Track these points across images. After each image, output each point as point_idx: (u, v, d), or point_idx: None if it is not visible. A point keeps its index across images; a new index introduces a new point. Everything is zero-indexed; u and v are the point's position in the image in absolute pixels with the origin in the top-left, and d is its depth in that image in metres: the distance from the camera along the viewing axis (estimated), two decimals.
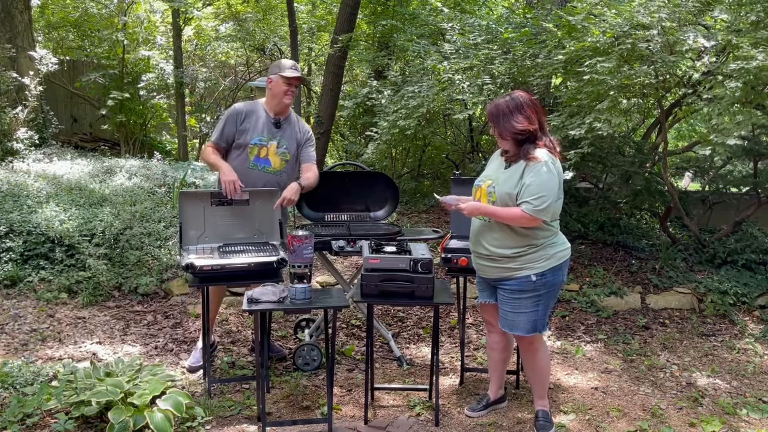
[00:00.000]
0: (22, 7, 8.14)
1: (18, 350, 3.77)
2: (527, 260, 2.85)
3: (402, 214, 6.61)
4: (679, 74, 4.72)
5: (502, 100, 2.87)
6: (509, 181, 2.82)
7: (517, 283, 2.88)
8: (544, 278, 2.86)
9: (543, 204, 2.72)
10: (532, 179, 2.74)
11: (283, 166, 3.62)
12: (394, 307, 4.77)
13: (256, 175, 3.56)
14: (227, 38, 10.98)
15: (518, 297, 2.89)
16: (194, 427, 2.97)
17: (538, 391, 3.12)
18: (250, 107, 3.64)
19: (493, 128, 2.89)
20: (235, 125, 3.56)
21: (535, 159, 2.76)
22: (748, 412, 3.42)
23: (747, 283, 5.12)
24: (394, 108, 5.94)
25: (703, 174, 6.34)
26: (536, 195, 2.72)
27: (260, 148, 3.56)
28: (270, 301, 2.87)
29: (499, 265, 2.90)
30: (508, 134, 2.82)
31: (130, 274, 4.64)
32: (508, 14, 7.11)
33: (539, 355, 3.05)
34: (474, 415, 3.24)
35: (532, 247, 2.84)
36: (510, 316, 2.94)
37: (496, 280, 2.97)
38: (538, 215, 2.73)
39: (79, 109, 9.91)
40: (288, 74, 3.53)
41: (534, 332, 2.93)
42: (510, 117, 2.80)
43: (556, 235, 2.91)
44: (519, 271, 2.86)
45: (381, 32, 8.61)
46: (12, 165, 6.60)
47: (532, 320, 2.90)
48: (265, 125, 3.59)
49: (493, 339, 3.25)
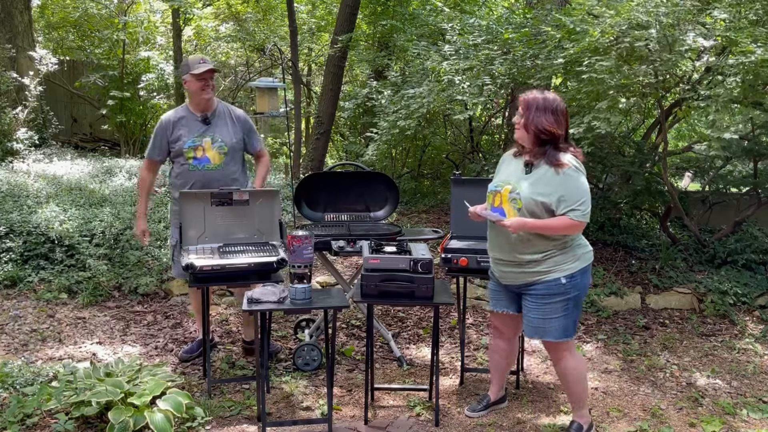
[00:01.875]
0: (22, 8, 8.15)
1: (18, 350, 3.77)
2: (556, 262, 2.77)
3: (402, 214, 6.61)
4: (679, 74, 4.72)
5: (540, 94, 2.78)
6: (535, 187, 2.73)
7: (546, 287, 2.78)
8: (573, 280, 2.78)
9: (587, 208, 2.68)
10: (571, 186, 2.68)
11: (223, 159, 3.60)
12: (394, 307, 4.77)
13: (199, 175, 3.58)
14: (227, 38, 10.98)
15: (547, 302, 2.79)
16: (194, 427, 2.97)
17: (574, 403, 3.00)
18: (176, 114, 3.64)
19: (519, 116, 2.79)
20: (165, 137, 3.58)
21: (564, 165, 2.70)
22: (748, 412, 3.42)
23: (747, 283, 5.12)
24: (394, 108, 5.94)
25: (703, 174, 6.34)
26: (580, 201, 2.66)
27: (195, 149, 3.56)
28: (270, 302, 2.87)
29: (527, 270, 2.80)
30: (533, 128, 2.73)
31: (130, 275, 4.64)
32: (508, 14, 7.12)
33: (571, 363, 2.92)
34: (474, 415, 3.23)
35: (560, 248, 2.77)
36: (538, 322, 2.83)
37: (523, 286, 2.86)
38: (585, 219, 2.68)
39: (79, 110, 9.91)
40: (197, 71, 3.51)
41: (565, 338, 2.84)
42: (542, 113, 2.73)
43: (581, 236, 2.85)
44: (548, 275, 2.77)
45: (381, 32, 8.62)
46: (12, 165, 6.60)
47: (562, 325, 2.81)
48: (194, 126, 3.59)
49: (498, 345, 3.18)
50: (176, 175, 3.64)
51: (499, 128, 7.98)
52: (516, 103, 2.90)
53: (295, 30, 7.92)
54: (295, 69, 7.81)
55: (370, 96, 7.17)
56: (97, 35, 9.67)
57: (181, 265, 3.48)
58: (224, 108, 3.70)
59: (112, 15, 9.66)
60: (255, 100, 4.80)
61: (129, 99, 9.00)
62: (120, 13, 9.58)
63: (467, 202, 3.00)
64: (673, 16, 4.20)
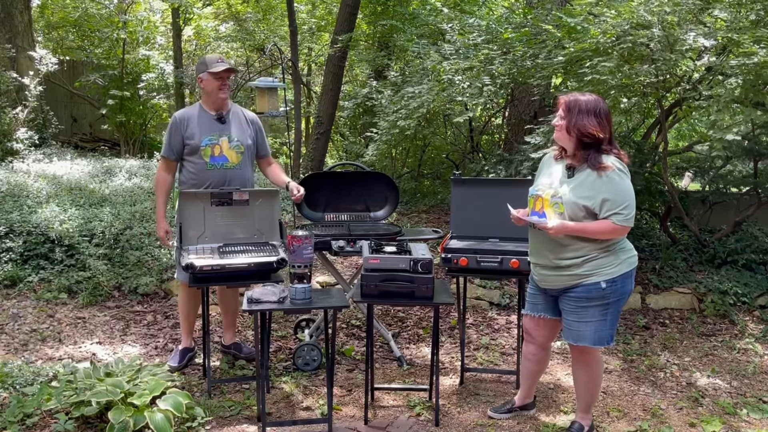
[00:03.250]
0: (22, 7, 8.15)
1: (18, 350, 3.77)
2: (596, 266, 2.70)
3: (402, 214, 6.61)
4: (680, 74, 4.72)
5: (583, 97, 2.73)
6: (578, 191, 2.68)
7: (585, 290, 2.73)
8: (614, 285, 2.71)
9: (631, 212, 2.63)
10: (614, 189, 2.63)
11: (240, 159, 3.60)
12: (394, 307, 4.77)
13: (216, 174, 3.55)
14: (227, 38, 10.99)
15: (585, 305, 2.74)
16: (194, 427, 2.97)
17: (581, 405, 3.00)
18: (189, 112, 3.62)
19: (562, 119, 2.74)
20: (180, 134, 3.54)
21: (607, 168, 2.64)
22: (748, 412, 3.42)
23: (747, 283, 5.12)
24: (394, 108, 5.93)
25: (703, 174, 6.34)
26: (623, 205, 2.61)
27: (212, 148, 3.53)
28: (270, 302, 2.87)
29: (567, 273, 2.75)
30: (575, 132, 2.68)
31: (130, 274, 4.64)
32: (508, 14, 7.12)
33: (595, 371, 2.91)
34: (496, 416, 3.20)
35: (602, 251, 2.70)
36: (575, 326, 2.78)
37: (562, 290, 2.81)
38: (629, 224, 2.63)
39: (79, 109, 9.91)
40: (216, 69, 3.49)
41: (600, 344, 2.79)
42: (585, 116, 2.67)
43: (624, 239, 2.77)
44: (587, 278, 2.71)
45: (381, 32, 8.62)
46: (12, 165, 6.60)
47: (598, 331, 2.75)
48: (210, 124, 3.56)
49: (529, 350, 3.11)
50: (190, 175, 3.58)
51: (499, 128, 7.99)
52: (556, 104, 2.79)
53: (295, 30, 7.92)
54: (295, 69, 7.81)
55: (370, 96, 7.17)
56: (97, 35, 9.67)
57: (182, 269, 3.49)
58: (237, 109, 3.71)
59: (112, 15, 9.66)
60: (255, 99, 4.80)
61: (129, 99, 9.00)
62: (120, 13, 9.58)
63: (510, 206, 2.92)
64: (675, 15, 4.20)
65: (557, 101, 2.82)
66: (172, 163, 3.64)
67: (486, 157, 6.72)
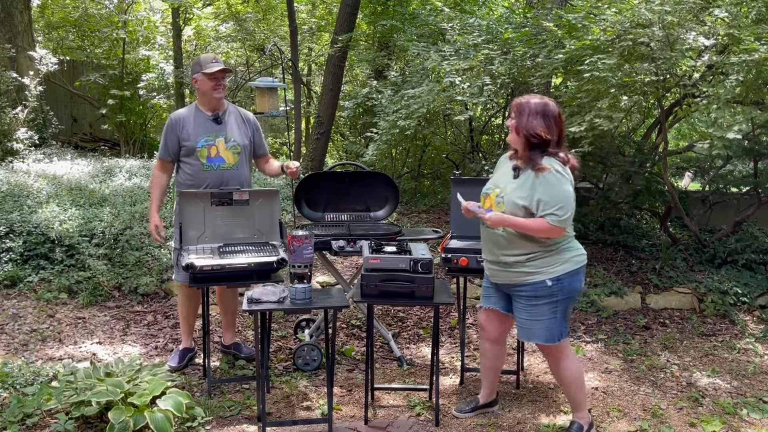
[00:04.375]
0: (22, 7, 8.15)
1: (18, 350, 3.77)
2: (541, 264, 2.78)
3: (402, 214, 6.61)
4: (679, 73, 4.72)
5: (534, 99, 2.81)
6: (518, 191, 2.76)
7: (533, 289, 2.81)
8: (560, 283, 2.79)
9: (566, 213, 2.68)
10: (548, 190, 2.69)
11: (237, 159, 3.58)
12: (394, 307, 4.77)
13: (213, 175, 3.53)
14: (227, 38, 10.99)
15: (534, 304, 2.82)
16: (194, 427, 2.97)
17: (572, 404, 3.03)
18: (185, 113, 3.59)
19: (512, 120, 2.83)
20: (175, 135, 3.52)
21: (544, 169, 2.72)
22: (748, 412, 3.42)
23: (747, 283, 5.11)
24: (394, 108, 5.94)
25: (703, 174, 6.34)
26: (558, 205, 2.67)
27: (209, 149, 3.52)
28: (270, 302, 2.87)
29: (513, 270, 2.83)
30: (524, 132, 2.76)
31: (130, 275, 4.64)
32: (508, 14, 7.12)
33: (564, 365, 2.94)
34: (460, 416, 3.22)
35: (546, 251, 2.78)
36: (527, 324, 2.87)
37: (511, 286, 2.89)
38: (563, 225, 2.70)
39: (79, 109, 9.91)
40: (210, 70, 3.46)
41: (552, 341, 2.85)
42: (534, 117, 2.75)
43: (570, 240, 2.84)
44: (533, 276, 2.79)
45: (381, 32, 8.62)
46: (12, 165, 6.60)
47: (549, 328, 2.83)
48: (206, 125, 3.54)
49: (484, 346, 3.19)
50: (187, 176, 3.57)
51: (499, 128, 7.98)
52: None
53: (295, 30, 7.92)
54: (295, 69, 7.81)
55: (370, 96, 7.17)
56: (97, 35, 9.68)
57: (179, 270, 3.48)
58: (234, 109, 3.69)
59: (112, 15, 9.67)
60: (255, 99, 4.79)
61: (129, 99, 9.00)
62: (120, 13, 9.58)
63: (460, 196, 3.04)
64: (676, 14, 4.20)
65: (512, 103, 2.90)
66: (168, 164, 3.63)
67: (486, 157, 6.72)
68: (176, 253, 3.53)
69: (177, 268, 3.59)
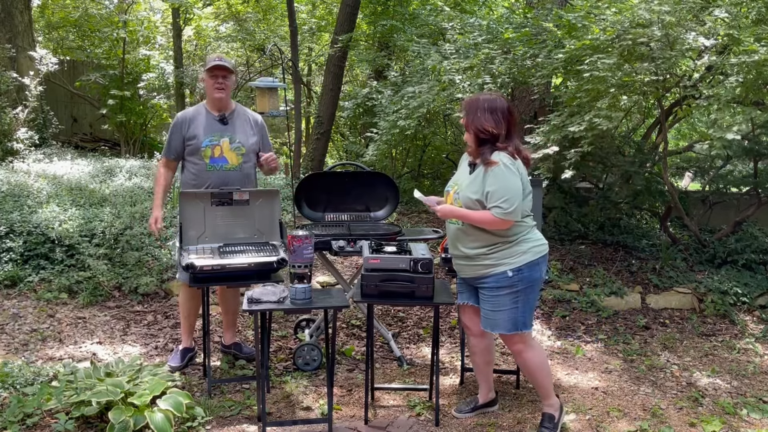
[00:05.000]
0: (22, 7, 8.15)
1: (18, 350, 3.77)
2: (502, 256, 2.86)
3: (402, 214, 6.62)
4: (679, 74, 4.72)
5: (483, 96, 2.91)
6: (471, 186, 2.85)
7: (495, 280, 2.87)
8: (520, 273, 2.85)
9: (511, 206, 2.74)
10: (495, 183, 2.76)
11: (240, 160, 3.59)
12: (394, 307, 4.77)
13: (216, 176, 3.54)
14: (227, 38, 10.99)
15: (496, 294, 2.89)
16: (194, 427, 2.97)
17: (540, 392, 3.10)
18: (192, 112, 3.61)
19: (463, 118, 2.93)
20: (181, 134, 3.54)
21: (492, 163, 2.79)
22: (748, 412, 3.42)
23: (747, 283, 5.12)
24: (394, 108, 5.94)
25: (703, 174, 6.34)
26: (503, 198, 2.74)
27: (213, 149, 3.52)
28: (270, 301, 2.87)
29: (476, 263, 2.91)
30: (472, 128, 2.86)
31: (130, 275, 4.64)
32: (508, 14, 7.12)
33: (528, 355, 3.01)
34: (459, 416, 3.23)
35: (506, 243, 2.85)
36: (490, 314, 2.93)
37: (475, 279, 2.96)
38: (508, 217, 2.76)
39: (79, 109, 9.91)
40: (208, 66, 3.48)
41: (515, 330, 2.91)
42: (482, 114, 2.83)
43: (530, 230, 2.92)
44: (495, 268, 2.86)
45: (381, 32, 8.62)
46: (12, 165, 6.60)
47: (512, 318, 2.89)
48: (212, 125, 3.55)
49: (472, 342, 3.22)
50: (191, 176, 3.58)
51: None
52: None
53: (295, 30, 7.92)
54: (295, 69, 7.82)
55: (370, 96, 7.18)
56: (97, 35, 9.68)
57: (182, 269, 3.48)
58: (241, 110, 3.70)
59: (112, 15, 9.67)
60: (255, 99, 4.79)
61: (129, 99, 9.01)
62: (120, 13, 9.59)
63: (417, 192, 3.11)
64: (676, 15, 4.21)
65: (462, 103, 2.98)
66: (172, 163, 3.66)
67: None
68: (179, 253, 3.54)
69: (180, 267, 3.60)
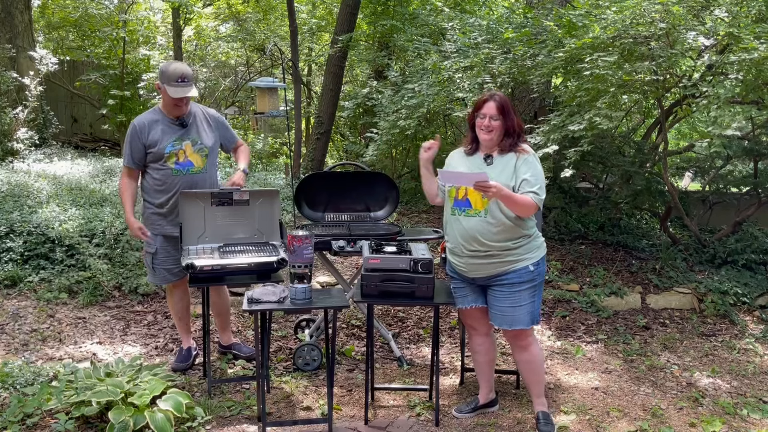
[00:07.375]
0: (22, 7, 8.15)
1: (18, 350, 3.77)
2: (525, 250, 2.89)
3: (402, 214, 6.61)
4: (679, 73, 4.72)
5: (505, 98, 2.94)
6: (504, 174, 2.84)
7: (517, 275, 2.88)
8: (539, 267, 2.92)
9: (544, 193, 2.83)
10: (529, 170, 2.82)
11: (205, 162, 3.51)
12: (394, 307, 4.77)
13: (182, 180, 3.45)
14: (227, 38, 10.99)
15: (518, 290, 2.89)
16: (194, 427, 2.97)
17: (535, 390, 3.10)
18: (149, 117, 3.47)
19: (499, 120, 2.86)
20: (140, 142, 3.42)
21: (525, 152, 2.88)
22: (748, 412, 3.42)
23: (747, 283, 5.12)
24: (394, 108, 5.93)
25: (703, 174, 6.34)
26: (539, 185, 2.81)
27: (177, 154, 3.43)
28: (270, 301, 2.87)
29: (497, 260, 2.88)
30: (514, 128, 2.90)
31: (130, 275, 4.64)
32: (509, 14, 7.11)
33: (536, 349, 3.05)
34: (460, 416, 3.23)
35: (528, 237, 2.90)
36: (509, 311, 2.92)
37: (492, 277, 2.92)
38: (540, 204, 2.83)
39: (79, 109, 9.91)
40: (174, 95, 3.32)
41: (534, 324, 2.96)
42: (514, 114, 2.93)
43: (536, 226, 2.99)
44: (518, 263, 2.88)
45: (381, 32, 8.61)
46: (12, 165, 6.60)
47: (530, 312, 2.93)
48: (171, 129, 3.44)
49: (477, 342, 3.20)
50: (155, 182, 3.47)
51: None
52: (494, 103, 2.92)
53: (295, 30, 7.92)
54: (295, 69, 7.81)
55: (370, 96, 7.16)
56: (97, 35, 9.68)
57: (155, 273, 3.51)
58: (197, 109, 3.58)
59: (112, 15, 9.67)
60: (255, 99, 4.80)
61: (129, 98, 9.00)
62: (120, 13, 9.59)
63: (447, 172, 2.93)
64: (674, 17, 4.20)
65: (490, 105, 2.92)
66: (135, 172, 3.51)
67: None
68: (149, 257, 3.52)
69: (151, 271, 3.58)
